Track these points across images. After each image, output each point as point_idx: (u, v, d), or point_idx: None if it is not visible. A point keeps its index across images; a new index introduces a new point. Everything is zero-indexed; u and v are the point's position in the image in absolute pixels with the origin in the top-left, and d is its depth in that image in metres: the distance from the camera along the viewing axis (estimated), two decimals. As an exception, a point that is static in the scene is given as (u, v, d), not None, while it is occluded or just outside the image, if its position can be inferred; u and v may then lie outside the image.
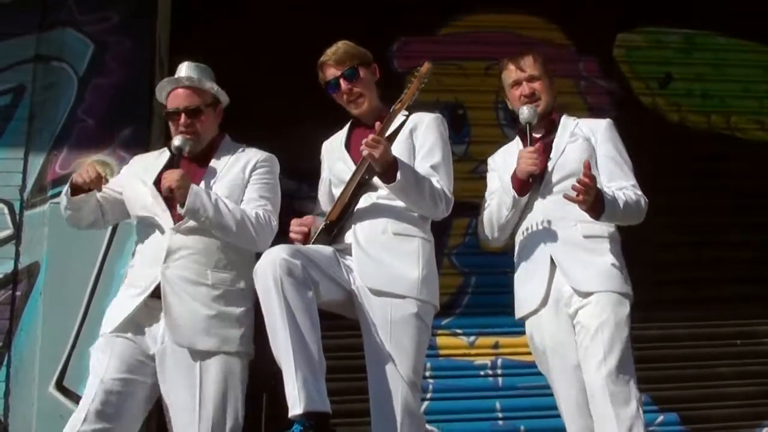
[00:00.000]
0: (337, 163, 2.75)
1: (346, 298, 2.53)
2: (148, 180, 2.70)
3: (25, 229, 3.62)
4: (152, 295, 2.54)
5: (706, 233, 4.39)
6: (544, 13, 4.68)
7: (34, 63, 3.81)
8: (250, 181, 2.72)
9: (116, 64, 3.82)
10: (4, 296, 3.56)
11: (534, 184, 2.70)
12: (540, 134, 2.80)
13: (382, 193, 2.59)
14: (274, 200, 2.75)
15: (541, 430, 3.84)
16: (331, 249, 2.56)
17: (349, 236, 2.59)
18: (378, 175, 2.50)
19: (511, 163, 2.76)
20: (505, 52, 3.02)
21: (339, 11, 4.24)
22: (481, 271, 4.21)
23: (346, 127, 2.85)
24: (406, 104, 2.60)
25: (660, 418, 4.10)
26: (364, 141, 2.44)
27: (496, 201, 2.79)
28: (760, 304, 4.28)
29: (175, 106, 2.73)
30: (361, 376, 2.49)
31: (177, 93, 2.75)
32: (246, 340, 2.62)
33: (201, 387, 2.49)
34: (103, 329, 2.59)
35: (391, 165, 2.45)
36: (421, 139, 2.67)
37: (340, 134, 2.85)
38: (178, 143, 2.65)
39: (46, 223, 3.56)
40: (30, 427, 3.36)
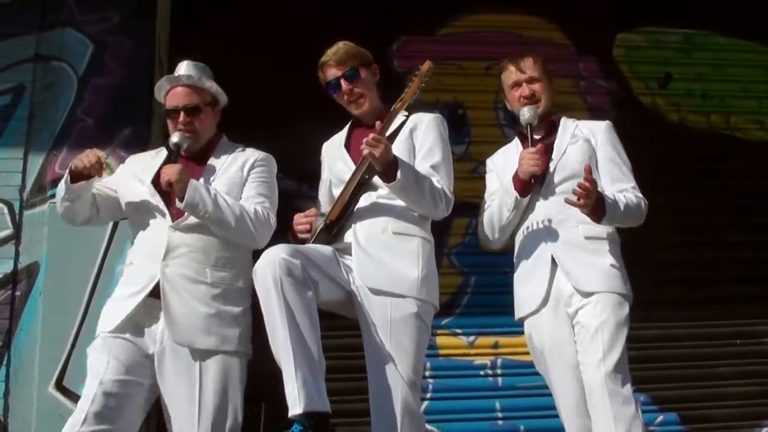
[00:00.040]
0: (337, 163, 2.75)
1: (345, 297, 2.52)
2: (146, 178, 2.69)
3: (24, 229, 3.61)
4: (151, 294, 2.53)
5: (706, 233, 4.39)
6: (544, 13, 4.67)
7: (33, 63, 3.81)
8: (248, 179, 2.71)
9: (116, 64, 3.82)
10: (3, 296, 3.55)
11: (536, 185, 2.71)
12: (540, 135, 2.80)
13: (382, 192, 2.59)
14: (272, 198, 2.74)
15: (540, 430, 3.84)
16: (330, 249, 2.55)
17: (349, 235, 2.59)
18: (378, 174, 2.50)
19: (511, 165, 2.76)
20: (505, 52, 3.02)
21: (339, 11, 4.23)
22: (480, 270, 4.21)
23: (346, 128, 2.85)
24: (407, 103, 2.60)
25: (660, 418, 4.10)
26: (365, 140, 2.43)
27: (497, 202, 2.79)
28: (760, 304, 4.27)
29: (174, 105, 2.72)
30: (361, 375, 2.49)
31: (176, 91, 2.74)
32: (245, 340, 2.61)
33: (200, 387, 2.48)
34: (101, 328, 2.57)
35: (392, 164, 2.45)
36: (421, 139, 2.66)
37: (340, 135, 2.85)
38: (177, 140, 2.64)
39: (45, 223, 3.55)
40: (29, 427, 3.35)
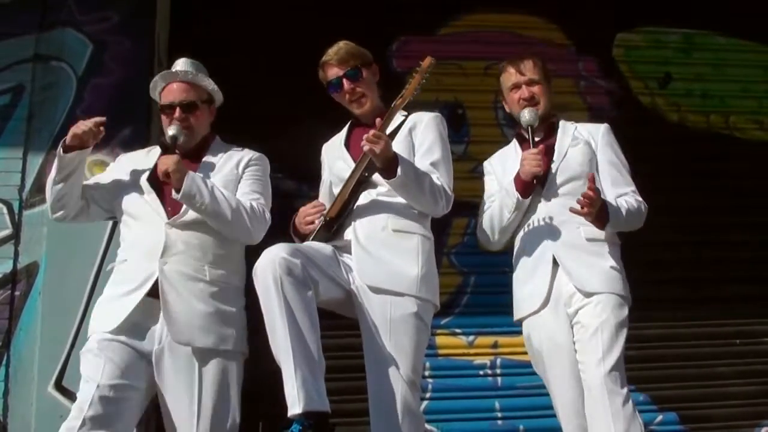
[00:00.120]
0: (337, 162, 2.75)
1: (345, 297, 2.52)
2: (139, 176, 2.67)
3: (24, 229, 3.61)
4: (149, 294, 2.50)
5: (705, 233, 4.39)
6: (544, 13, 4.67)
7: (33, 63, 3.81)
8: (243, 177, 2.71)
9: (115, 64, 3.81)
10: (3, 296, 3.55)
11: (537, 185, 2.71)
12: (539, 137, 2.80)
13: (382, 190, 2.59)
14: (266, 196, 2.74)
15: (540, 429, 3.83)
16: (330, 248, 2.55)
17: (349, 233, 2.58)
18: (378, 170, 2.50)
19: (510, 167, 2.77)
20: (505, 52, 3.02)
21: (339, 11, 4.23)
22: (480, 270, 4.20)
23: (346, 127, 2.85)
24: (408, 99, 2.59)
25: (659, 418, 4.10)
26: (365, 136, 2.43)
27: (497, 203, 2.79)
28: (760, 303, 4.27)
29: (170, 100, 2.70)
30: (360, 375, 2.49)
31: (172, 87, 2.72)
32: (242, 340, 2.61)
33: (200, 386, 2.48)
34: (97, 328, 2.54)
35: (392, 161, 2.45)
36: (420, 138, 2.66)
37: (340, 134, 2.85)
38: (173, 132, 2.62)
39: (45, 223, 3.55)
40: (29, 427, 3.35)
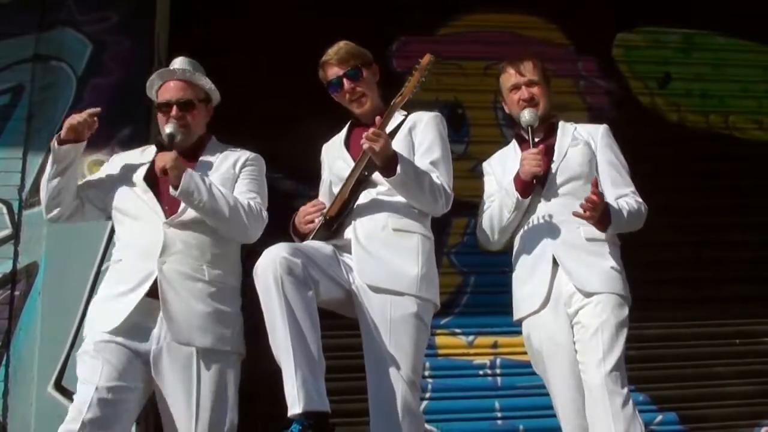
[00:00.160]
0: (337, 162, 2.75)
1: (345, 297, 2.52)
2: (135, 175, 2.66)
3: (23, 229, 3.61)
4: (147, 294, 2.48)
5: (705, 233, 4.40)
6: (544, 13, 4.68)
7: (32, 63, 3.80)
8: (240, 176, 2.70)
9: (115, 64, 3.81)
10: (2, 296, 3.55)
11: (537, 185, 2.71)
12: (539, 138, 2.80)
13: (382, 189, 2.59)
14: (263, 195, 2.73)
15: (539, 429, 3.83)
16: (330, 248, 2.55)
17: (349, 232, 2.58)
18: (378, 169, 2.49)
19: (510, 167, 2.77)
20: (505, 52, 3.03)
21: (339, 11, 4.23)
22: (480, 270, 4.21)
23: (346, 127, 2.84)
24: (407, 97, 2.59)
25: (659, 418, 4.10)
26: (365, 134, 2.43)
27: (496, 203, 2.79)
28: (759, 303, 4.28)
29: (167, 98, 2.69)
30: (360, 375, 2.48)
31: (169, 85, 2.71)
32: (239, 340, 2.60)
33: (198, 387, 2.47)
34: (93, 328, 2.52)
35: (391, 159, 2.44)
36: (420, 137, 2.66)
37: (340, 134, 2.85)
38: (171, 130, 2.60)
39: (44, 223, 3.53)
40: (28, 427, 3.35)
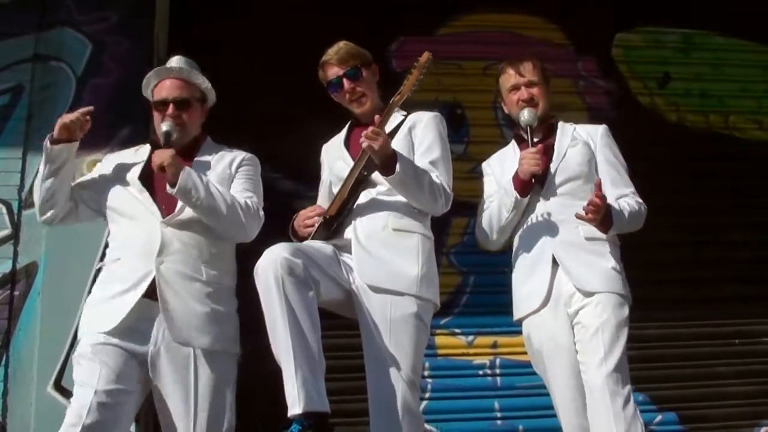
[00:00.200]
0: (337, 162, 2.74)
1: (345, 297, 2.52)
2: (130, 175, 2.64)
3: (23, 229, 3.60)
4: (144, 295, 2.46)
5: (705, 233, 4.40)
6: (543, 13, 4.68)
7: (32, 63, 3.81)
8: (236, 176, 2.69)
9: (114, 64, 3.81)
10: (2, 296, 3.55)
11: (536, 185, 2.71)
12: (538, 138, 2.81)
13: (382, 189, 2.59)
14: (259, 195, 2.71)
15: (539, 429, 3.83)
16: (330, 248, 2.55)
17: (349, 232, 2.58)
18: (377, 168, 2.49)
19: (509, 167, 2.77)
20: (504, 52, 3.03)
21: (338, 11, 4.23)
22: (479, 270, 4.21)
23: (345, 127, 2.84)
24: (406, 96, 2.59)
25: (659, 418, 4.10)
26: (364, 133, 2.43)
27: (495, 203, 2.80)
28: (759, 303, 4.28)
29: (163, 96, 2.67)
30: (360, 375, 2.48)
31: (165, 84, 2.69)
32: (236, 340, 2.59)
33: (196, 387, 2.45)
34: (89, 329, 2.49)
35: (390, 157, 2.44)
36: (420, 137, 2.66)
37: (340, 135, 2.85)
38: (167, 128, 2.58)
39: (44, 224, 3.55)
40: (28, 427, 3.35)
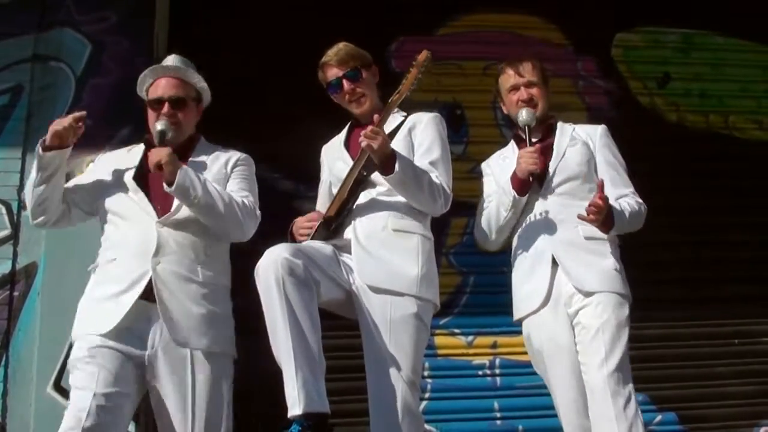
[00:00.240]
0: (337, 163, 2.74)
1: (345, 298, 2.52)
2: (124, 174, 2.62)
3: (22, 230, 3.60)
4: (141, 296, 2.44)
5: (705, 233, 4.40)
6: (543, 13, 4.68)
7: (32, 63, 3.81)
8: (231, 176, 2.67)
9: (114, 64, 3.81)
10: (1, 296, 3.55)
11: (533, 183, 2.71)
12: (537, 138, 2.81)
13: (382, 189, 2.59)
14: (255, 194, 2.70)
15: (539, 429, 3.84)
16: (331, 248, 2.54)
17: (349, 232, 2.58)
18: (377, 167, 2.49)
19: (508, 167, 2.77)
20: (504, 52, 3.02)
21: (338, 11, 4.23)
22: (479, 270, 4.21)
23: (345, 128, 2.84)
24: (405, 95, 2.59)
25: (658, 418, 4.10)
26: (363, 132, 2.43)
27: (494, 203, 2.80)
28: (759, 303, 4.28)
29: (159, 95, 2.65)
30: (360, 376, 2.48)
31: (161, 82, 2.67)
32: (232, 342, 2.59)
33: (193, 389, 2.44)
34: (84, 330, 2.46)
35: (390, 157, 2.44)
36: (419, 137, 2.66)
37: (339, 136, 2.85)
38: (162, 127, 2.55)
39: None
40: (28, 428, 3.35)
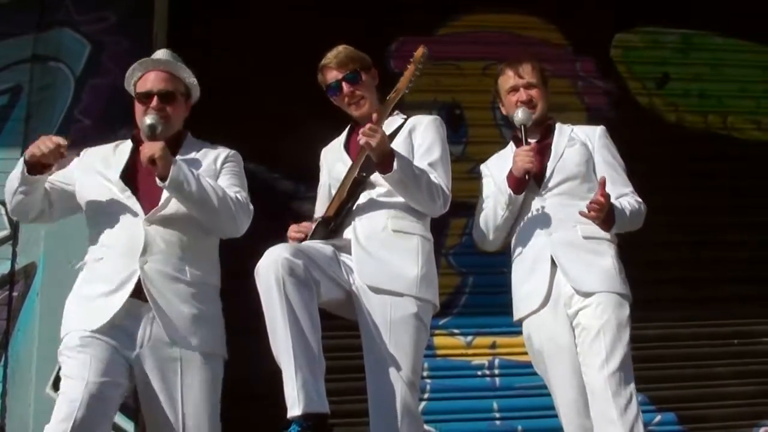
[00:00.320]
0: (337, 164, 2.75)
1: (345, 298, 2.52)
2: (110, 172, 2.58)
3: (21, 230, 3.61)
4: (131, 295, 2.42)
5: (703, 233, 4.40)
6: (542, 13, 4.68)
7: (31, 63, 3.81)
8: (221, 172, 2.65)
9: (113, 65, 3.81)
10: (1, 297, 3.56)
11: (529, 182, 2.72)
12: (535, 139, 2.82)
13: (382, 190, 2.59)
14: (245, 190, 2.67)
15: (538, 430, 3.84)
16: (331, 249, 2.54)
17: (349, 232, 2.58)
18: (375, 166, 2.49)
19: (507, 168, 2.77)
20: (503, 52, 3.02)
21: (338, 11, 4.23)
22: (478, 270, 4.21)
23: (345, 131, 2.84)
24: (402, 92, 2.60)
25: (658, 418, 4.10)
26: (361, 130, 2.43)
27: (492, 203, 2.81)
28: (758, 303, 4.29)
29: (147, 88, 2.61)
30: (360, 376, 2.48)
31: (149, 76, 2.64)
32: (222, 341, 2.57)
33: (182, 389, 2.43)
34: (74, 326, 2.45)
35: (388, 155, 2.44)
36: (419, 139, 2.67)
37: (339, 138, 2.85)
38: (151, 121, 2.50)
39: (42, 224, 3.53)
40: (27, 428, 3.35)
